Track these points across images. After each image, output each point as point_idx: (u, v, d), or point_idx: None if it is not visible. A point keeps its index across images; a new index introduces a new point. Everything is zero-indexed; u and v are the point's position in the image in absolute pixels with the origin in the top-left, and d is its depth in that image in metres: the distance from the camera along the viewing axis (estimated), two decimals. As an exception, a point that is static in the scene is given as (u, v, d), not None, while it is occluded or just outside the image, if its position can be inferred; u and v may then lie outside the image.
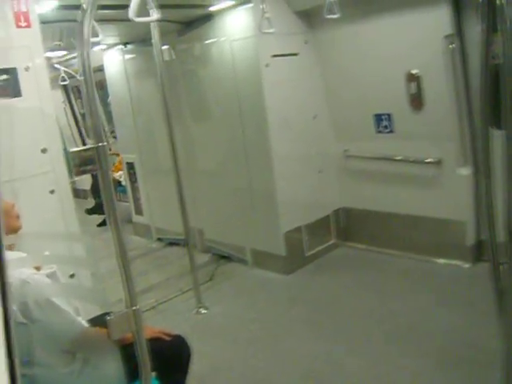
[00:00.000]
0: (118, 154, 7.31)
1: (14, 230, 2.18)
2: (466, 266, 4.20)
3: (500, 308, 2.92)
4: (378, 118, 4.49)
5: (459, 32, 3.90)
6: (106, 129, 8.11)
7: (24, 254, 2.15)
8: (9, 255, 1.08)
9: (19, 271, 1.96)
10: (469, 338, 3.16)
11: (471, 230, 4.19)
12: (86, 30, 1.77)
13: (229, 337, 3.73)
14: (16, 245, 2.16)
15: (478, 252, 4.18)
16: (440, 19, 3.88)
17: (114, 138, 7.22)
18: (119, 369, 2.03)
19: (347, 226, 5.15)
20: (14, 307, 1.83)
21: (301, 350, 3.42)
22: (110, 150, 7.67)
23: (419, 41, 4.02)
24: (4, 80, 2.95)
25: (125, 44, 5.82)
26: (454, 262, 4.28)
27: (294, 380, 3.09)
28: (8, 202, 2.24)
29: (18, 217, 2.23)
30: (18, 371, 0.71)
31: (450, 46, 3.90)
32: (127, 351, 1.94)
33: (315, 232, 4.91)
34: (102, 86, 6.88)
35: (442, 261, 4.36)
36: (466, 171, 4.13)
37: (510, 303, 1.88)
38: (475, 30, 3.76)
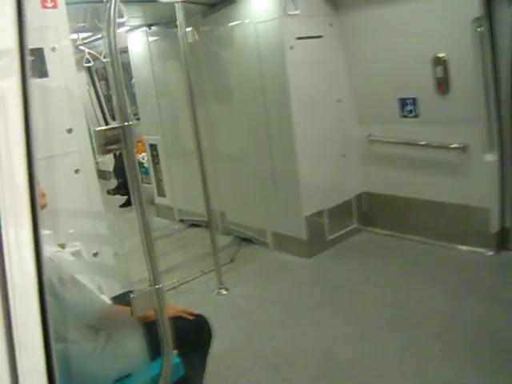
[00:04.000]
0: (139, 141, 7.34)
1: (40, 208, 2.22)
2: (490, 253, 4.15)
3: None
4: (403, 102, 4.43)
5: (488, 15, 3.80)
6: (129, 110, 8.15)
7: (49, 232, 2.18)
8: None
9: (44, 248, 1.99)
10: (491, 326, 3.15)
11: (495, 217, 4.14)
12: (112, 10, 1.77)
13: (249, 318, 3.76)
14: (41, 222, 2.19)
15: (502, 240, 4.13)
16: (468, 1, 3.78)
17: (138, 119, 7.26)
18: (142, 346, 2.07)
19: (369, 211, 5.12)
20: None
21: (320, 332, 3.44)
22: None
23: (446, 24, 3.93)
24: (31, 60, 2.98)
25: (149, 26, 5.83)
26: (477, 249, 4.23)
27: (313, 361, 3.11)
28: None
29: (43, 194, 2.27)
30: (53, 346, 0.73)
31: (479, 29, 3.81)
32: (150, 329, 1.97)
33: (337, 216, 4.89)
34: (125, 67, 6.90)
35: (465, 248, 4.31)
36: (491, 157, 4.06)
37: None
38: (505, 12, 3.69)
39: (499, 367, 2.74)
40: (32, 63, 2.96)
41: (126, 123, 1.72)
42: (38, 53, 2.98)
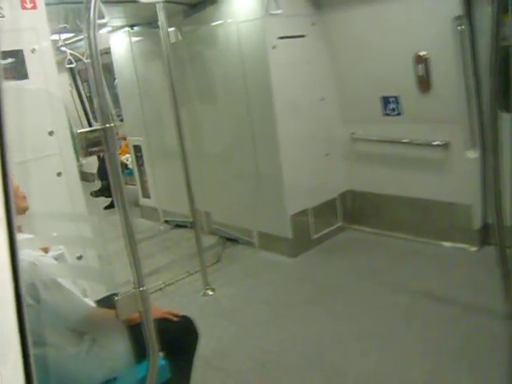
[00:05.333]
0: (124, 139, 7.32)
1: (21, 211, 2.20)
2: (473, 249, 4.20)
3: (506, 291, 2.94)
4: (386, 100, 4.45)
5: (468, 13, 3.84)
6: (113, 112, 8.11)
7: (31, 236, 2.16)
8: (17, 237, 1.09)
9: (26, 253, 1.97)
10: (475, 321, 3.17)
11: (478, 213, 4.18)
12: (92, 11, 1.76)
13: (236, 318, 3.76)
14: (23, 226, 2.17)
15: (485, 235, 4.17)
16: (449, 0, 3.82)
17: (121, 121, 7.23)
18: (127, 349, 2.06)
19: (354, 208, 5.15)
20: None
21: (307, 331, 3.45)
22: (118, 133, 7.69)
23: (428, 22, 3.96)
24: (10, 62, 2.95)
25: (131, 26, 5.79)
26: (460, 245, 4.27)
27: (300, 361, 3.11)
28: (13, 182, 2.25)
29: (24, 197, 2.24)
30: (31, 351, 0.72)
31: (459, 28, 3.84)
32: (135, 332, 1.96)
33: (322, 215, 4.91)
34: (108, 68, 6.86)
35: (448, 244, 4.35)
36: (473, 154, 4.10)
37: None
38: (485, 11, 3.73)
39: (484, 363, 2.77)
40: (11, 65, 2.92)
41: (107, 125, 1.72)
42: (18, 54, 2.95)
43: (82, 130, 1.73)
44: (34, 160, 2.98)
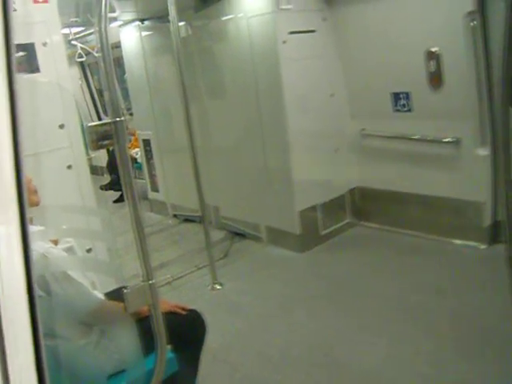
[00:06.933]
0: (132, 134, 7.34)
1: (32, 205, 2.21)
2: (483, 247, 4.17)
3: (515, 289, 2.91)
4: (396, 96, 4.43)
5: (481, 9, 3.80)
6: (123, 106, 8.13)
7: (42, 228, 2.18)
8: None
9: (37, 245, 1.98)
10: (482, 320, 3.16)
11: (488, 210, 4.15)
12: (103, 5, 1.76)
13: (243, 312, 3.77)
14: (34, 218, 2.18)
15: (495, 233, 4.15)
16: (462, -4, 3.79)
17: (131, 115, 7.24)
18: (135, 341, 2.07)
19: (363, 205, 5.13)
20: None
21: (314, 325, 3.45)
22: (127, 128, 7.71)
23: (440, 18, 3.93)
24: (22, 55, 2.97)
25: (142, 20, 5.80)
26: (470, 243, 4.25)
27: (308, 355, 3.12)
28: (25, 176, 2.26)
29: (35, 191, 2.26)
30: (42, 342, 0.73)
31: (472, 24, 3.81)
32: (143, 324, 1.97)
33: (330, 211, 4.90)
34: (118, 62, 6.88)
35: (458, 241, 4.33)
36: (484, 151, 4.07)
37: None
38: (498, 6, 3.69)
39: (493, 359, 2.75)
40: (23, 58, 2.94)
41: (117, 118, 1.72)
42: (29, 48, 2.97)
43: (92, 124, 1.73)
44: (44, 153, 2.99)
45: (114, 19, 5.72)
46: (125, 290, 1.78)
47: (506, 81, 1.94)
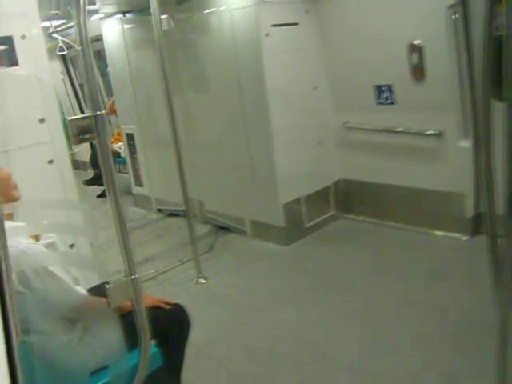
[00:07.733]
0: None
1: (12, 200, 2.18)
2: (465, 238, 4.22)
3: (496, 280, 2.94)
4: (379, 89, 4.44)
5: (463, 2, 3.82)
6: (106, 100, 8.05)
7: (22, 224, 2.15)
8: (7, 225, 1.08)
9: (17, 241, 1.96)
10: (465, 309, 3.20)
11: (470, 202, 4.19)
12: (82, -4, 1.73)
13: (228, 306, 3.77)
14: (14, 214, 2.16)
15: (477, 224, 4.19)
16: (443, -12, 3.81)
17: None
18: (119, 337, 2.05)
19: (347, 197, 5.15)
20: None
21: (299, 318, 3.46)
22: (110, 123, 7.64)
23: (422, 11, 3.94)
24: (0, 49, 2.92)
25: (123, 13, 5.74)
26: (452, 234, 4.29)
27: (294, 348, 3.13)
28: (5, 171, 2.23)
29: (15, 187, 2.23)
30: (16, 340, 0.72)
31: (453, 17, 3.83)
32: (127, 320, 1.96)
33: (314, 203, 4.91)
34: (100, 56, 6.80)
35: (440, 233, 4.37)
36: (466, 143, 4.11)
37: (507, 276, 1.88)
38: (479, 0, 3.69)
39: (475, 349, 2.79)
40: (1, 52, 2.89)
41: (98, 112, 1.70)
42: (8, 41, 2.92)
43: (73, 117, 1.71)
44: (24, 148, 2.95)
45: (96, 12, 5.64)
46: (107, 285, 1.76)
47: (487, 73, 1.95)
